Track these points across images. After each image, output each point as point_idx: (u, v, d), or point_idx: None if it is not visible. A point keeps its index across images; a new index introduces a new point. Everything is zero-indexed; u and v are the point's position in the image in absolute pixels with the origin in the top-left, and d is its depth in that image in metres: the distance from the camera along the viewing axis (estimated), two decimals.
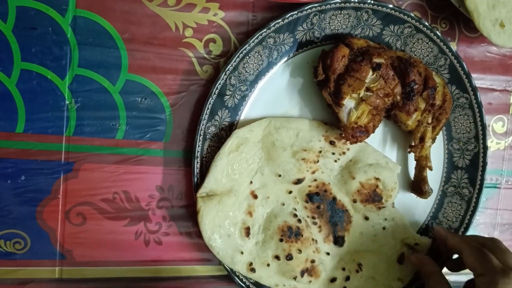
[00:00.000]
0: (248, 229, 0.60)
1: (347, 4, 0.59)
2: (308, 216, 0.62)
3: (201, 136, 0.58)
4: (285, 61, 0.61)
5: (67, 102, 0.56)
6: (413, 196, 0.66)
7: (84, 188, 0.58)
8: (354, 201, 0.63)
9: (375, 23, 0.62)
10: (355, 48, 0.59)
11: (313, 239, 0.61)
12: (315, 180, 0.62)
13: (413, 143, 0.64)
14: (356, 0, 0.59)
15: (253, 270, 0.59)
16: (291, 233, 0.60)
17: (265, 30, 0.58)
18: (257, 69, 0.60)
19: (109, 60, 0.57)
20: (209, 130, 0.59)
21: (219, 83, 0.58)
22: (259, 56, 0.59)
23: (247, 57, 0.58)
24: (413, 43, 0.63)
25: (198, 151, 0.58)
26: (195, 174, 0.58)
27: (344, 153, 0.63)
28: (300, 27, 0.60)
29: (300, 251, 0.60)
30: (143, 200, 0.60)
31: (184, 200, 0.61)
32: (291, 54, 0.61)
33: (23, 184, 0.56)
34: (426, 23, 0.62)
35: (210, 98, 0.58)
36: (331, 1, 0.58)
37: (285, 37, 0.60)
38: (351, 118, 0.59)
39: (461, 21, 0.68)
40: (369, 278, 0.62)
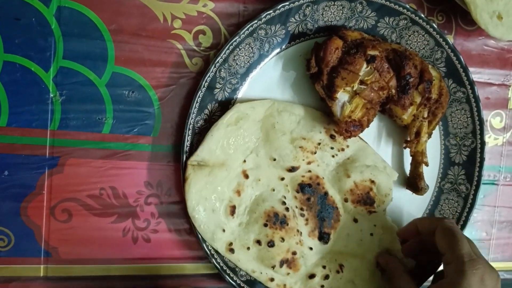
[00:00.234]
0: (234, 207, 0.58)
1: None
2: (296, 207, 0.61)
3: (190, 131, 0.57)
4: (277, 53, 0.60)
5: (51, 95, 0.55)
6: (408, 192, 0.65)
7: (70, 183, 0.56)
8: (346, 200, 0.62)
9: (370, 15, 0.60)
10: (349, 40, 0.58)
11: (298, 230, 0.60)
12: (310, 171, 0.61)
13: (408, 138, 0.62)
14: None
15: (232, 250, 0.58)
16: (276, 220, 0.59)
17: (256, 21, 0.56)
18: (248, 61, 0.58)
19: (95, 52, 0.55)
20: (198, 124, 0.57)
21: (209, 76, 0.56)
22: (250, 48, 0.58)
23: (238, 49, 0.57)
24: (409, 36, 0.62)
25: (187, 146, 0.57)
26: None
27: (343, 149, 0.62)
28: (292, 18, 0.58)
29: (283, 239, 0.59)
30: (130, 196, 0.58)
31: (173, 196, 0.59)
32: (283, 47, 0.60)
33: (7, 180, 0.54)
34: (422, 15, 0.60)
35: (199, 91, 0.56)
36: None
37: (276, 28, 0.58)
38: (344, 112, 0.58)
39: (458, 14, 0.67)
40: (349, 282, 0.61)
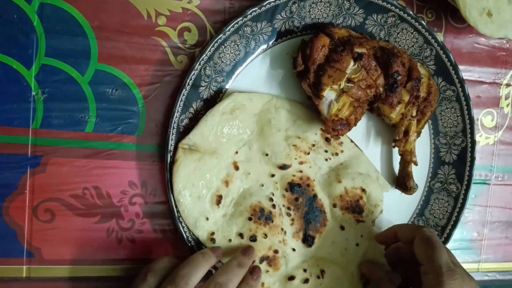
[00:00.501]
0: (220, 197, 0.58)
1: None
2: (283, 205, 0.60)
3: (175, 129, 0.56)
4: (264, 51, 0.59)
5: (33, 93, 0.54)
6: (398, 192, 0.64)
7: (52, 183, 0.55)
8: (334, 205, 0.61)
9: (358, 12, 0.60)
10: (336, 37, 0.57)
11: (282, 229, 0.59)
12: (301, 171, 0.60)
13: (397, 137, 0.61)
14: None
15: (213, 240, 0.57)
16: (262, 215, 0.58)
17: (241, 18, 0.56)
18: (234, 59, 0.58)
19: (77, 49, 0.55)
20: (183, 123, 0.56)
21: (193, 74, 0.56)
22: (236, 45, 0.57)
23: (223, 46, 0.56)
24: (398, 33, 0.61)
25: (171, 145, 0.56)
26: (168, 169, 0.56)
27: (337, 154, 0.61)
28: (279, 15, 0.57)
29: (266, 235, 0.58)
30: (114, 196, 0.57)
31: (158, 196, 0.59)
32: (270, 44, 0.59)
33: None
34: (410, 12, 0.60)
35: (184, 90, 0.56)
36: None
37: (263, 26, 0.57)
38: (331, 110, 0.57)
39: (448, 11, 0.66)
40: None
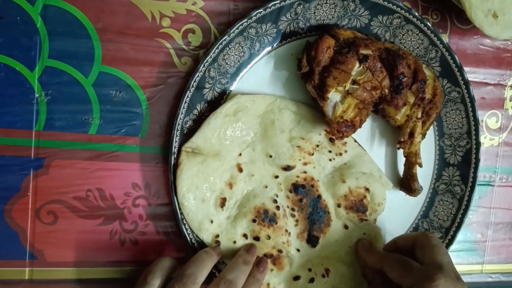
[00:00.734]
0: (224, 200, 0.58)
1: None
2: (288, 206, 0.60)
3: (179, 131, 0.56)
4: (268, 52, 0.59)
5: (36, 95, 0.54)
6: (402, 194, 0.64)
7: (55, 185, 0.55)
8: (339, 205, 0.61)
9: (363, 13, 0.59)
10: (341, 39, 0.57)
11: (286, 230, 0.59)
12: (305, 172, 0.60)
13: (402, 139, 0.61)
14: None
15: (218, 242, 0.57)
16: (265, 217, 0.58)
17: (246, 20, 0.55)
18: (238, 61, 0.57)
19: (81, 51, 0.54)
20: (187, 125, 0.56)
21: (197, 76, 0.55)
22: (240, 47, 0.57)
23: (227, 48, 0.56)
24: (403, 35, 0.61)
25: (175, 147, 0.56)
26: (172, 171, 0.56)
27: (341, 154, 0.61)
28: (284, 17, 0.57)
29: (269, 237, 0.58)
30: (118, 198, 0.57)
31: (161, 198, 0.58)
32: (275, 46, 0.59)
33: None
34: (416, 14, 0.59)
35: (188, 91, 0.55)
36: None
37: (267, 27, 0.57)
38: (336, 112, 0.56)
39: (453, 13, 0.65)
40: None
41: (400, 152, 0.63)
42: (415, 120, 0.60)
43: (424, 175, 0.64)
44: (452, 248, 0.65)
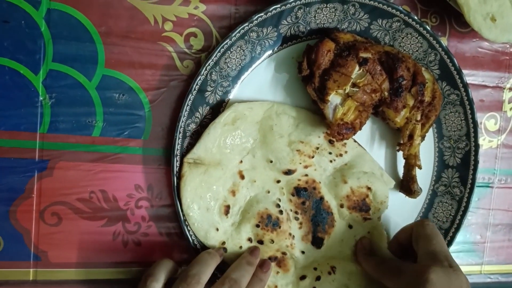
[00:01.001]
0: (228, 207, 0.58)
1: None
2: (291, 210, 0.60)
3: (181, 134, 0.56)
4: (269, 56, 0.59)
5: (41, 98, 0.54)
6: (402, 195, 0.65)
7: (59, 187, 0.56)
8: (341, 206, 0.61)
9: (363, 17, 0.60)
10: (341, 42, 0.57)
11: (290, 234, 0.60)
12: (306, 175, 0.60)
13: (401, 141, 0.62)
14: None
15: (224, 249, 0.58)
16: (269, 222, 0.58)
17: (247, 24, 0.56)
18: (240, 64, 0.58)
19: (85, 54, 0.55)
20: (189, 128, 0.57)
21: (199, 79, 0.56)
22: (242, 51, 0.57)
23: (229, 51, 0.57)
24: (402, 38, 0.61)
25: (177, 149, 0.56)
26: (175, 173, 0.56)
27: (341, 155, 0.61)
28: (284, 21, 0.58)
29: (272, 241, 0.58)
30: (121, 200, 0.58)
31: (164, 200, 0.59)
32: (275, 49, 0.59)
33: None
34: (415, 17, 0.60)
35: (190, 94, 0.56)
36: None
37: (268, 31, 0.58)
38: (336, 114, 0.57)
39: (452, 16, 0.66)
40: (342, 286, 0.60)
41: (400, 154, 0.63)
42: (415, 123, 0.60)
43: (424, 177, 0.65)
44: (451, 249, 0.65)
